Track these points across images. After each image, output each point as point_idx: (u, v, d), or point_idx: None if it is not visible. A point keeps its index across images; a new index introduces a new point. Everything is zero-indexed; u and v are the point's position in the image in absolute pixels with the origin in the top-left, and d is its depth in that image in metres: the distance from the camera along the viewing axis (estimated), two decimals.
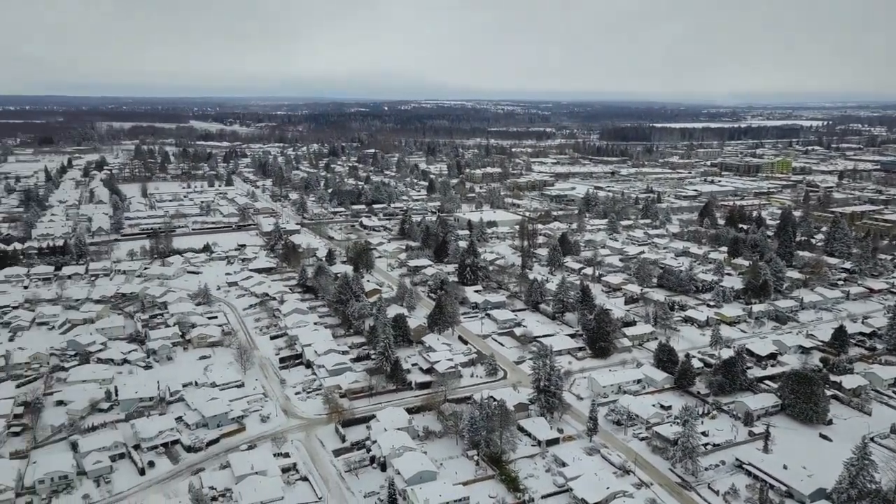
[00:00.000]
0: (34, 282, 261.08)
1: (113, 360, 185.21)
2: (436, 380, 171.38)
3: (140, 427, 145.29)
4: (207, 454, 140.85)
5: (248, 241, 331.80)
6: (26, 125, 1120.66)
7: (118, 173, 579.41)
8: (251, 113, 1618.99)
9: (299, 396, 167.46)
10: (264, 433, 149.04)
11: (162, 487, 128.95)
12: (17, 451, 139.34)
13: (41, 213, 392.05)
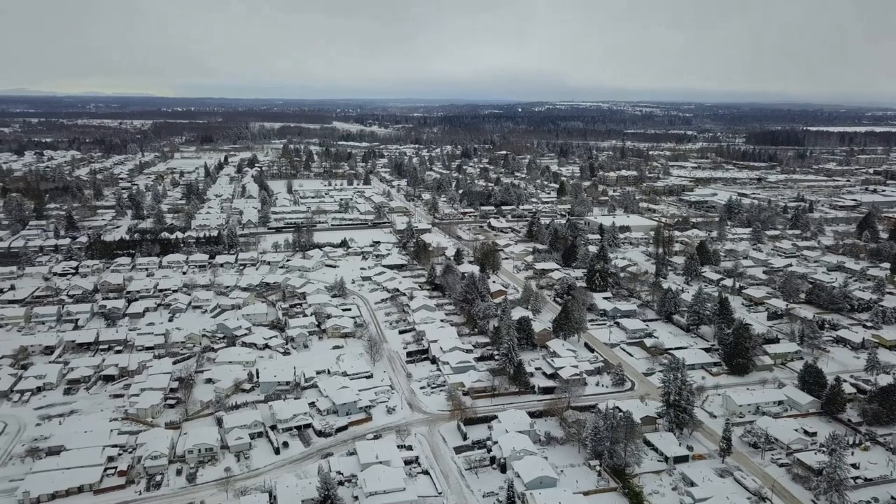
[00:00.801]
0: (192, 268, 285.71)
1: (256, 345, 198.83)
2: (559, 385, 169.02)
3: (277, 409, 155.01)
4: (336, 440, 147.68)
5: (382, 238, 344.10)
6: (191, 125, 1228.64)
7: (267, 170, 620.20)
8: (390, 115, 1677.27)
9: (424, 391, 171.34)
10: (389, 424, 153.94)
11: (294, 468, 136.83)
12: (171, 421, 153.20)
13: (200, 205, 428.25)
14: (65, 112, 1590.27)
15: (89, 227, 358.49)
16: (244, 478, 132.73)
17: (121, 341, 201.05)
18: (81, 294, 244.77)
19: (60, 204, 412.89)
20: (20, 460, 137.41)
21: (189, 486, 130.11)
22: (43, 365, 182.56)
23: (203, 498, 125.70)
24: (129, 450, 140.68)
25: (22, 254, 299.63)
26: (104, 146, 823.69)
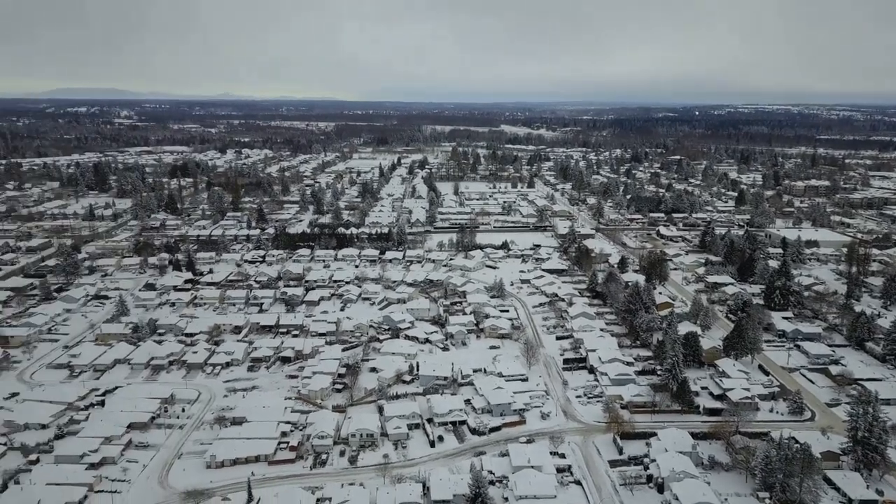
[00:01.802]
0: (363, 262, 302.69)
1: (417, 339, 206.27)
2: (728, 408, 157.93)
3: (434, 403, 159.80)
4: (489, 439, 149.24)
5: (543, 242, 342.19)
6: (369, 127, 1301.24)
7: (436, 172, 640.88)
8: (558, 118, 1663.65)
9: (580, 400, 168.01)
10: (543, 430, 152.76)
11: (447, 462, 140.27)
12: (337, 405, 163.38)
13: (374, 203, 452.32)
14: (261, 114, 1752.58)
15: (276, 219, 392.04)
16: (400, 466, 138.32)
17: (298, 326, 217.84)
18: (267, 281, 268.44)
19: (253, 198, 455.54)
20: (209, 426, 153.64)
21: (350, 467, 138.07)
22: (232, 343, 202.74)
23: (362, 480, 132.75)
24: (299, 427, 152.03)
25: (220, 242, 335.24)
26: (292, 146, 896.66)
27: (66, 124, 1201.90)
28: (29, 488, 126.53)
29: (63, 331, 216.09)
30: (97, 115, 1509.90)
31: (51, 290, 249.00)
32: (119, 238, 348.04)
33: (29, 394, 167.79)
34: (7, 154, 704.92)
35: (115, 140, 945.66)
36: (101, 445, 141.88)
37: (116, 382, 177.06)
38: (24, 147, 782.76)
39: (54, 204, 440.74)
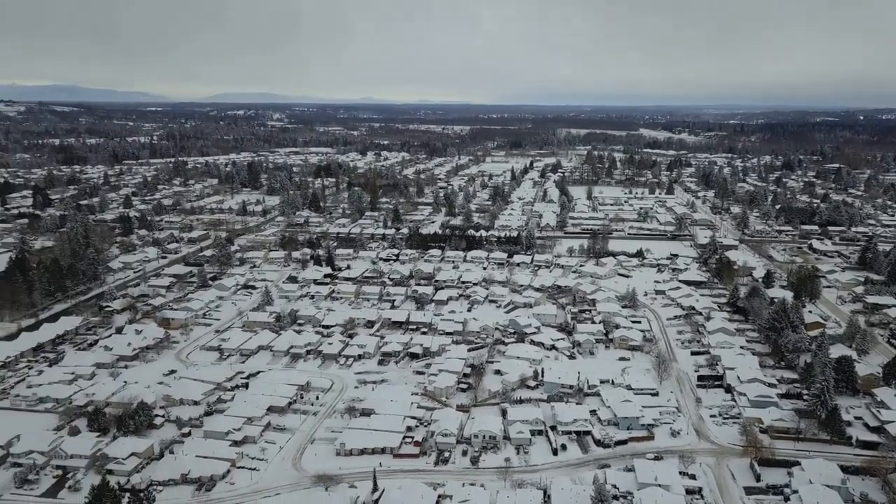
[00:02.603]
0: (491, 265, 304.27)
1: (543, 344, 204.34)
2: (886, 442, 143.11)
3: (558, 410, 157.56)
4: (614, 452, 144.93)
5: (681, 252, 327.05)
6: (503, 131, 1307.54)
7: (569, 176, 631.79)
8: (701, 122, 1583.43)
9: (714, 420, 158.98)
10: (672, 447, 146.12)
11: (570, 471, 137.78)
12: (461, 404, 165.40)
13: (504, 206, 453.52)
14: (400, 118, 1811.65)
15: (411, 220, 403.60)
16: (521, 471, 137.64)
17: (426, 324, 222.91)
18: (399, 278, 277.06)
19: (390, 199, 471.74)
20: (340, 415, 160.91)
21: (472, 467, 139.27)
22: (364, 336, 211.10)
23: (483, 481, 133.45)
24: (424, 423, 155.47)
25: (357, 239, 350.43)
26: (428, 149, 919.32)
27: (225, 126, 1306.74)
28: (181, 458, 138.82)
29: (215, 316, 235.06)
30: (252, 118, 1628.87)
31: (207, 278, 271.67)
32: (267, 233, 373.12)
33: (184, 372, 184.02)
34: (176, 153, 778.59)
35: (267, 141, 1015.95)
36: (244, 425, 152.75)
37: (259, 367, 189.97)
38: (190, 147, 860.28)
39: (213, 199, 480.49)
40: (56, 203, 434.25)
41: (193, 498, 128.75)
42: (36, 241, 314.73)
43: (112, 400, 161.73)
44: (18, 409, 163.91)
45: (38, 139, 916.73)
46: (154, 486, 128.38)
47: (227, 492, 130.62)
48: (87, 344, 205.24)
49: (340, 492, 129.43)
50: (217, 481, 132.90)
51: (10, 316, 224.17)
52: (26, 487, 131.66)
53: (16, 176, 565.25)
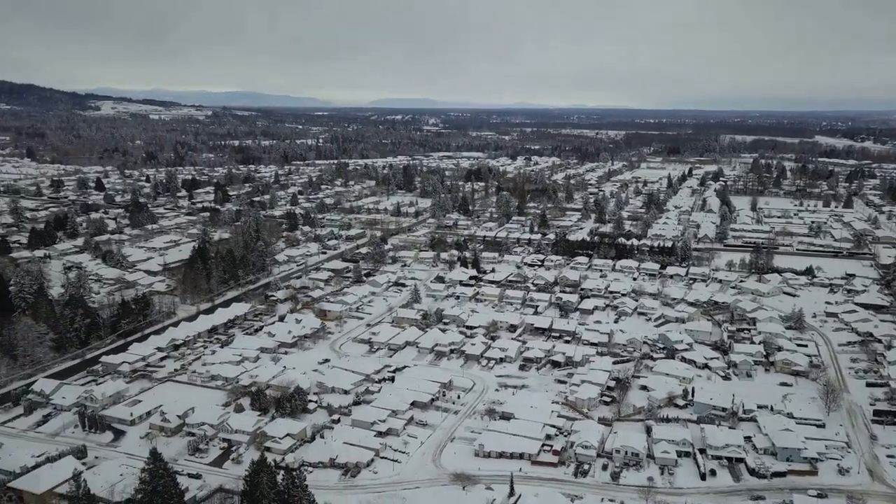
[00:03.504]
0: (642, 275, 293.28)
1: (695, 362, 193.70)
2: None
3: (709, 433, 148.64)
4: (770, 484, 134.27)
5: (859, 272, 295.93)
6: (660, 136, 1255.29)
7: (731, 185, 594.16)
8: (890, 128, 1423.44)
9: (892, 461, 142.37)
10: (839, 486, 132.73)
11: (718, 499, 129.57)
12: (603, 418, 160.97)
13: (658, 215, 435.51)
14: (553, 122, 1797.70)
15: (557, 225, 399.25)
16: (666, 493, 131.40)
17: (570, 332, 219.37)
18: (543, 284, 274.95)
19: (537, 203, 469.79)
20: (480, 417, 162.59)
21: (612, 483, 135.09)
22: (507, 340, 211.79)
23: (623, 499, 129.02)
24: (564, 433, 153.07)
25: (503, 243, 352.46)
26: (580, 154, 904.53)
27: (384, 130, 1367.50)
28: (330, 443, 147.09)
29: (367, 310, 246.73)
30: (409, 123, 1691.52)
31: (361, 274, 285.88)
32: (418, 233, 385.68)
33: (337, 362, 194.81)
34: (338, 155, 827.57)
35: (422, 145, 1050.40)
36: (388, 417, 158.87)
37: (405, 362, 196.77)
38: (351, 149, 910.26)
39: (370, 200, 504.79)
40: (233, 199, 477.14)
41: (340, 482, 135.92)
42: (215, 233, 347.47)
43: (272, 383, 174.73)
44: (194, 384, 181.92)
45: (221, 140, 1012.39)
46: (305, 466, 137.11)
47: (370, 480, 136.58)
48: (254, 329, 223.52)
49: (477, 492, 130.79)
50: (361, 469, 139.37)
51: (191, 299, 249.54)
52: (197, 455, 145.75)
53: (201, 173, 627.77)
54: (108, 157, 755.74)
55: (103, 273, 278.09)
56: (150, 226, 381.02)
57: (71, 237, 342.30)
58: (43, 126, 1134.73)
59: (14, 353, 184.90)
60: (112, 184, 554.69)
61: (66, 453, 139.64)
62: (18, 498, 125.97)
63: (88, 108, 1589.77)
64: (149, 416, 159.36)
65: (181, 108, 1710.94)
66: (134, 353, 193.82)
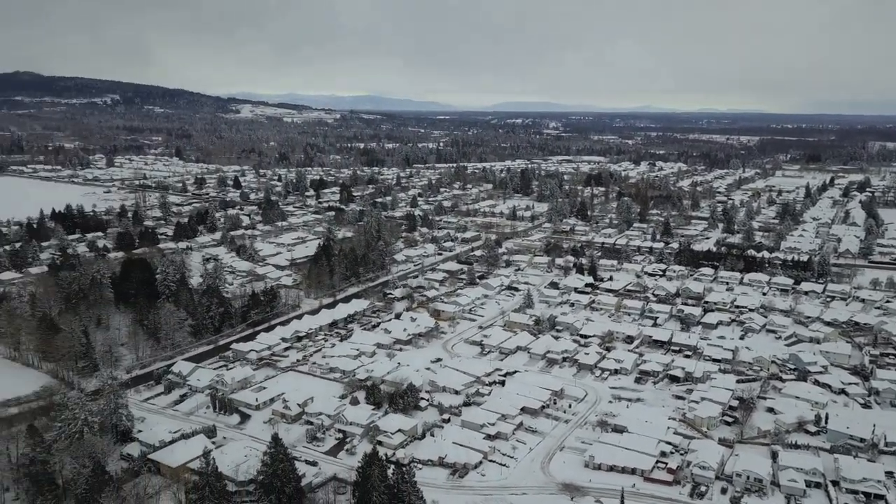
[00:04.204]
0: (772, 290, 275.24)
1: (830, 387, 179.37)
2: None
3: (843, 464, 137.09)
4: None
5: None
6: (799, 142, 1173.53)
7: (880, 196, 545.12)
8: None
9: None
10: None
11: None
12: (724, 438, 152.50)
13: (793, 226, 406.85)
14: (679, 127, 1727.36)
15: (681, 234, 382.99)
16: None
17: (691, 347, 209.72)
18: (664, 295, 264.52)
19: (661, 211, 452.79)
20: (591, 427, 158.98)
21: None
22: (622, 351, 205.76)
23: None
24: (680, 451, 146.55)
25: (623, 251, 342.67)
26: (708, 160, 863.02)
27: (503, 134, 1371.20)
28: (440, 442, 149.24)
29: (480, 313, 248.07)
30: (530, 126, 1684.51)
31: (475, 276, 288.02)
32: (533, 238, 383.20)
33: (449, 362, 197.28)
34: (458, 159, 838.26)
35: (541, 149, 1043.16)
36: (498, 421, 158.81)
37: (516, 367, 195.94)
38: (470, 153, 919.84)
39: (486, 203, 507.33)
40: (357, 199, 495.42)
41: (448, 481, 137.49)
42: (339, 231, 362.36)
43: (387, 378, 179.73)
44: (314, 375, 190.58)
45: (347, 143, 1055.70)
46: (415, 463, 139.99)
47: (477, 482, 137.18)
48: (371, 325, 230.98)
49: None
50: (469, 470, 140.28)
51: (315, 294, 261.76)
52: (314, 443, 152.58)
53: (328, 174, 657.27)
54: (246, 157, 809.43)
55: (237, 265, 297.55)
56: (280, 223, 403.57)
57: (210, 231, 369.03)
58: (190, 128, 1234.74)
59: (158, 336, 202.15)
60: (248, 182, 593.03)
61: (198, 432, 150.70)
62: (157, 469, 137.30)
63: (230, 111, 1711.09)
64: (272, 403, 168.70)
65: (312, 111, 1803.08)
66: (261, 343, 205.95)
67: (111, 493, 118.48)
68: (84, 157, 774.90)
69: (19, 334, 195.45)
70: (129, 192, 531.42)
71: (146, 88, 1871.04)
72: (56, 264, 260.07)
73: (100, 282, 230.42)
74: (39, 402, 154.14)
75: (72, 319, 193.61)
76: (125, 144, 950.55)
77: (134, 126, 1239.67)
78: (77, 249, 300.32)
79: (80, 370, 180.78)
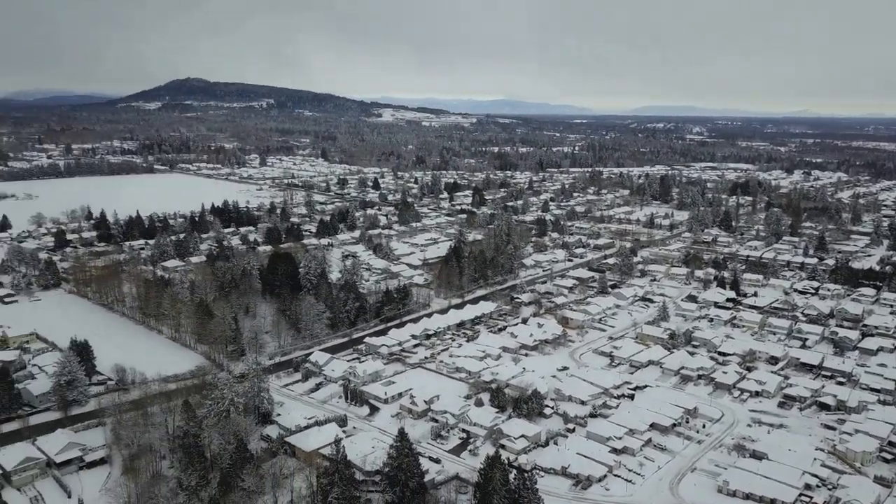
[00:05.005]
0: None
1: None
2: None
3: None
4: None
5: None
6: None
7: None
8: None
9: None
10: None
11: None
12: (881, 477, 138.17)
13: None
14: (841, 133, 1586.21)
15: (839, 250, 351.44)
16: None
17: (845, 373, 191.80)
18: (815, 315, 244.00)
19: (815, 224, 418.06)
20: (727, 451, 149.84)
21: None
22: (764, 372, 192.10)
23: None
24: (828, 486, 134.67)
25: (770, 265, 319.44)
26: (873, 170, 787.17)
27: (643, 139, 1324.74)
28: (563, 451, 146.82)
29: (610, 323, 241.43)
30: (671, 131, 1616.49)
31: (607, 285, 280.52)
32: (671, 247, 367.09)
33: (575, 371, 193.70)
34: (593, 163, 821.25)
35: (683, 155, 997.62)
36: (625, 435, 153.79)
37: (647, 381, 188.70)
38: (607, 158, 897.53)
39: (622, 210, 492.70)
40: (489, 202, 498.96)
41: (570, 492, 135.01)
42: (470, 234, 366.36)
43: (511, 382, 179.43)
44: (440, 374, 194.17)
45: (482, 147, 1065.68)
46: (537, 470, 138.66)
47: (601, 495, 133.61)
48: (498, 328, 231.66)
49: None
50: (593, 482, 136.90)
51: (444, 294, 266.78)
52: (438, 441, 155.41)
53: (462, 177, 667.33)
54: (385, 160, 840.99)
55: (373, 263, 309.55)
56: (415, 223, 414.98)
57: (350, 229, 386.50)
58: (335, 130, 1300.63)
59: (298, 326, 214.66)
60: (386, 184, 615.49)
61: (330, 420, 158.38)
62: (292, 451, 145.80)
63: (372, 114, 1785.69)
64: (399, 398, 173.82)
65: (449, 115, 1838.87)
66: (392, 338, 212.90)
67: (251, 471, 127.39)
68: (241, 156, 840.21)
69: (180, 317, 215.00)
70: (278, 191, 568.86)
71: (297, 93, 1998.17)
72: (213, 255, 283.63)
73: (249, 273, 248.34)
74: (194, 381, 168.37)
75: (224, 306, 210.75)
76: (277, 145, 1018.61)
77: (285, 128, 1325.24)
78: (231, 242, 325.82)
79: (229, 353, 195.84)
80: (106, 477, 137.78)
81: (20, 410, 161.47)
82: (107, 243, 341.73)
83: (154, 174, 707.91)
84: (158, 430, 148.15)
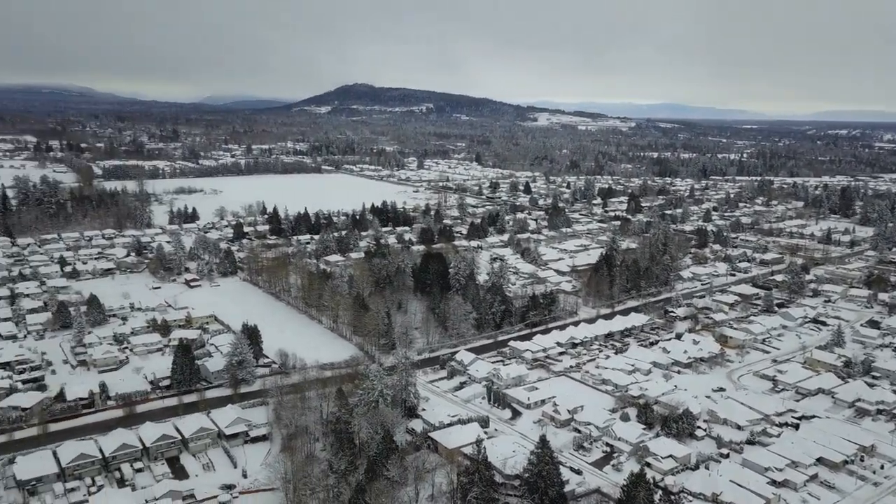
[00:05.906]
0: None
1: None
2: None
3: None
4: None
5: None
6: None
7: None
8: None
9: None
10: None
11: None
12: None
13: None
14: None
15: None
16: None
17: None
18: None
19: None
20: None
21: None
22: None
23: None
24: None
25: None
26: None
27: (822, 146, 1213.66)
28: (715, 477, 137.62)
29: (775, 344, 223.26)
30: (857, 139, 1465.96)
31: (773, 303, 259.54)
32: (851, 266, 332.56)
33: (733, 393, 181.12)
34: (763, 172, 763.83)
35: (870, 165, 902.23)
36: (787, 467, 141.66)
37: (815, 411, 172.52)
38: (779, 166, 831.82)
39: (794, 223, 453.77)
40: (645, 210, 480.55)
41: None
42: (623, 242, 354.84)
43: (661, 399, 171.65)
44: (585, 384, 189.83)
45: (640, 152, 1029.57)
46: (685, 494, 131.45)
47: None
48: (649, 342, 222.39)
49: None
50: None
51: (593, 303, 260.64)
52: (580, 452, 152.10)
53: (617, 183, 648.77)
54: (538, 164, 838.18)
55: (520, 267, 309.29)
56: (565, 229, 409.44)
57: (499, 233, 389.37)
58: (490, 135, 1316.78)
59: (446, 325, 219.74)
60: (537, 188, 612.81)
61: (473, 419, 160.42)
62: (434, 447, 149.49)
63: (528, 119, 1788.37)
64: (542, 404, 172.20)
65: (607, 119, 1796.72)
66: (537, 344, 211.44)
67: (396, 461, 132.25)
68: (400, 159, 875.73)
69: (338, 309, 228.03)
70: (433, 193, 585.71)
71: (455, 97, 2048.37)
72: (370, 252, 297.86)
73: (403, 270, 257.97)
74: (348, 370, 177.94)
75: (378, 301, 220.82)
76: (434, 149, 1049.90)
77: (442, 132, 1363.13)
78: (388, 240, 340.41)
79: (381, 347, 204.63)
80: (266, 452, 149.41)
81: (199, 385, 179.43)
82: (277, 237, 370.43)
83: (321, 174, 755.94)
84: (314, 413, 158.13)
